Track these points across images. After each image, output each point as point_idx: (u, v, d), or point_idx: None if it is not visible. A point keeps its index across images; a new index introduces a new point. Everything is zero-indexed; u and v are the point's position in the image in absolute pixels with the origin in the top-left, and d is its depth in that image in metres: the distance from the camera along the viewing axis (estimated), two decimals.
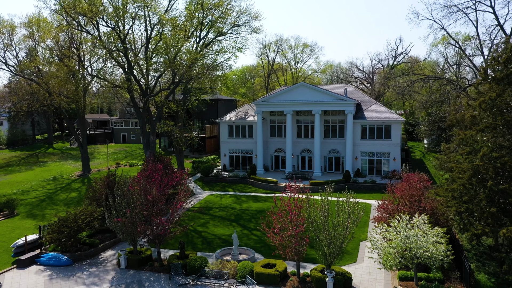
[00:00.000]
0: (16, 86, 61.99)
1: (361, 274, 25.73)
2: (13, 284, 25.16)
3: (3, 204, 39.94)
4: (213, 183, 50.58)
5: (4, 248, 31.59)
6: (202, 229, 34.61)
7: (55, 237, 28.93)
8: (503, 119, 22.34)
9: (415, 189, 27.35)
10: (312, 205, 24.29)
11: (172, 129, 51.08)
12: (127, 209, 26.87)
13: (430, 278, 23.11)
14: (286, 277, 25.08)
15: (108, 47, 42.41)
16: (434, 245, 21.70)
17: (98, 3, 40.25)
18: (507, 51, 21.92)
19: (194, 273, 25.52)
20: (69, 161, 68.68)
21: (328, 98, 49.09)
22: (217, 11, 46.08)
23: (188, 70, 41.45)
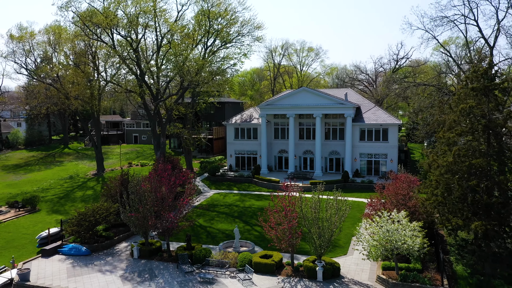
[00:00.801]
0: (34, 89, 65.66)
1: (350, 265, 28.44)
2: (40, 271, 28.42)
3: (26, 200, 43.48)
4: (220, 182, 53.57)
5: (29, 240, 35.00)
6: (207, 225, 37.61)
7: (75, 230, 32.22)
8: (479, 125, 24.87)
9: (401, 189, 29.95)
10: (304, 202, 27.11)
11: (181, 131, 54.22)
12: (140, 205, 29.93)
13: (410, 268, 25.71)
14: (281, 267, 27.92)
15: (121, 56, 45.67)
16: (411, 238, 24.34)
17: (112, 15, 43.48)
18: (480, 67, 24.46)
19: (199, 262, 28.51)
20: (84, 161, 72.33)
21: (328, 102, 51.71)
22: (223, 20, 49.06)
23: (195, 76, 44.49)
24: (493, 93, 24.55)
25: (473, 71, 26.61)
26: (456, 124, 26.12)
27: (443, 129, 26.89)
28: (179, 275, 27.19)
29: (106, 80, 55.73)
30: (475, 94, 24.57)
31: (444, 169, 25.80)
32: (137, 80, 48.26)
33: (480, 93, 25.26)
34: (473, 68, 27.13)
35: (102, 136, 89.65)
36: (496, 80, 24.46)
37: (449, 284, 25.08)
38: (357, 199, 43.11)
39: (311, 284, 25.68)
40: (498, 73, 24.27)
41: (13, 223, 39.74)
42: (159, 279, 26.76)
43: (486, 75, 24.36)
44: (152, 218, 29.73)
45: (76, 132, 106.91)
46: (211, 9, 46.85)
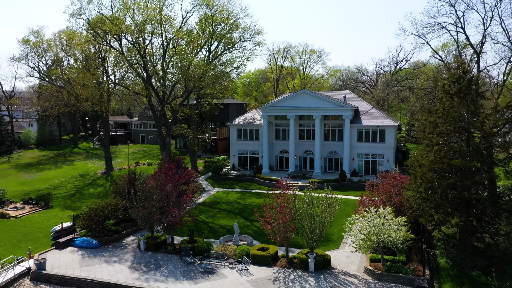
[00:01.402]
0: (46, 91, 68.43)
1: (341, 258, 30.54)
2: (54, 261, 30.88)
3: (39, 197, 46.10)
4: (223, 181, 55.84)
5: (43, 234, 37.55)
6: (209, 220, 39.90)
7: (86, 224, 34.70)
8: (456, 126, 26.87)
9: (389, 187, 31.99)
10: (297, 199, 29.26)
11: (186, 131, 56.59)
12: (146, 201, 32.26)
13: (395, 260, 27.76)
14: (277, 259, 30.10)
15: (129, 61, 48.14)
16: (395, 231, 26.39)
17: (121, 23, 45.93)
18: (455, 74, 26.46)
19: (201, 254, 30.80)
20: (93, 160, 75.04)
21: (327, 104, 53.74)
22: (225, 25, 51.31)
23: (199, 81, 46.81)
24: (470, 97, 26.50)
25: (449, 77, 28.65)
26: (436, 126, 28.15)
27: (426, 130, 28.89)
28: (182, 266, 29.49)
29: (114, 83, 58.26)
30: (451, 97, 26.55)
31: (426, 168, 27.86)
32: (144, 83, 50.72)
33: (456, 97, 27.26)
34: (450, 74, 29.19)
35: (111, 136, 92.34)
36: (472, 85, 26.39)
37: (430, 275, 27.10)
38: (353, 197, 45.07)
39: (303, 274, 27.83)
40: (473, 79, 26.16)
41: (28, 218, 42.37)
42: (163, 269, 29.09)
43: (460, 81, 26.34)
44: (158, 214, 32.05)
45: (85, 132, 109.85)
46: (214, 16, 49.11)
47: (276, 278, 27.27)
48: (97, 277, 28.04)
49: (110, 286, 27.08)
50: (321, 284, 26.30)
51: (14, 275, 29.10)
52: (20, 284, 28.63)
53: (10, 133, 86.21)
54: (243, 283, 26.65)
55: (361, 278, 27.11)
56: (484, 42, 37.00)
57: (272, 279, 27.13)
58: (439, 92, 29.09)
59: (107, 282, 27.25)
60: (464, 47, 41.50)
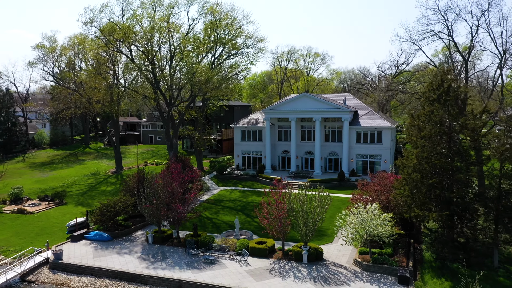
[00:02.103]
0: (59, 93, 71.70)
1: (333, 251, 32.96)
2: (70, 252, 33.75)
3: (55, 194, 49.16)
4: (227, 180, 58.46)
5: (59, 228, 40.50)
6: (213, 217, 42.55)
7: (98, 219, 37.54)
8: (437, 130, 29.14)
9: (378, 186, 34.32)
10: (292, 196, 31.74)
11: (192, 133, 59.35)
12: (154, 198, 34.97)
13: (382, 252, 30.08)
14: (274, 251, 32.61)
15: (139, 66, 51.03)
16: (381, 226, 28.74)
17: (130, 31, 48.81)
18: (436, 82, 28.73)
19: (203, 247, 33.44)
20: (104, 160, 78.20)
21: (327, 107, 56.08)
22: (230, 32, 53.97)
23: (203, 86, 49.53)
24: (449, 103, 28.74)
25: (429, 84, 30.98)
26: (420, 130, 30.46)
27: (411, 134, 31.19)
28: (187, 257, 32.15)
29: (124, 86, 61.23)
30: (431, 103, 28.85)
31: (411, 168, 30.19)
32: (152, 87, 53.56)
33: (437, 103, 29.58)
34: (429, 82, 31.52)
35: (120, 136, 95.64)
36: (450, 92, 28.63)
37: (414, 266, 29.42)
38: (350, 196, 47.27)
39: (297, 265, 30.32)
40: (451, 86, 28.38)
41: (44, 214, 45.41)
42: (169, 260, 31.78)
43: (439, 88, 28.62)
44: (164, 210, 34.74)
45: (96, 132, 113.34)
46: (219, 23, 51.81)
47: (272, 269, 29.78)
48: (109, 266, 30.81)
49: (121, 274, 29.83)
50: (313, 273, 28.76)
51: (34, 264, 32.02)
52: (39, 272, 31.53)
53: (24, 133, 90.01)
54: (241, 272, 29.21)
55: (350, 269, 29.52)
56: (472, 50, 39.08)
57: (269, 269, 29.65)
58: (421, 98, 31.34)
59: (118, 271, 30.00)
60: (451, 56, 43.51)
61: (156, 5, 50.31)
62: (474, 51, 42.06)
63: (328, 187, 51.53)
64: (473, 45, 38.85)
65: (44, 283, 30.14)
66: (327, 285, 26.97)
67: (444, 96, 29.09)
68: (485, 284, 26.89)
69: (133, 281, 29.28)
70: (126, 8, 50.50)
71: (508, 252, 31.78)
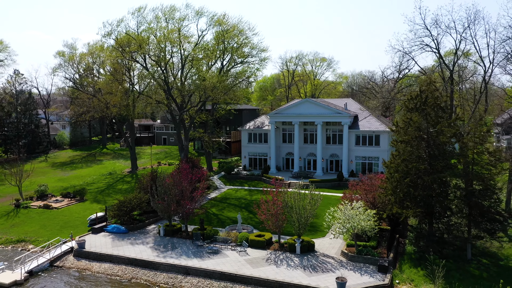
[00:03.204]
0: (79, 99, 76.85)
1: (324, 244, 36.65)
2: (91, 242, 38.20)
3: (76, 192, 53.94)
4: (234, 180, 62.50)
5: (81, 221, 45.10)
6: (219, 213, 46.63)
7: (116, 214, 41.98)
8: (416, 135, 32.62)
9: (367, 186, 37.88)
10: (287, 195, 35.55)
11: (202, 135, 63.56)
12: (165, 195, 39.17)
13: (367, 245, 33.62)
14: (271, 243, 36.46)
15: (152, 74, 55.52)
16: (364, 221, 32.31)
17: (144, 43, 53.30)
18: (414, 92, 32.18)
19: (208, 239, 37.52)
20: (120, 160, 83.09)
21: (327, 112, 59.66)
22: (236, 42, 58.05)
23: (211, 92, 53.69)
24: (426, 111, 32.18)
25: (408, 95, 34.46)
26: (400, 135, 34.00)
27: (395, 138, 34.69)
28: (193, 248, 36.27)
29: (139, 92, 65.89)
30: (409, 112, 32.36)
31: (393, 169, 33.76)
32: (165, 94, 57.98)
33: (415, 112, 33.09)
34: (409, 92, 34.99)
35: (136, 138, 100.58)
36: (427, 102, 32.06)
37: (394, 257, 32.94)
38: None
39: (290, 255, 34.12)
40: (428, 97, 31.79)
41: (67, 209, 50.14)
42: (178, 249, 35.95)
43: (417, 98, 32.10)
44: (174, 206, 38.90)
45: (112, 134, 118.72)
46: (226, 34, 55.97)
47: (268, 258, 33.67)
48: (125, 254, 35.12)
49: (135, 261, 34.11)
50: (303, 263, 32.55)
51: (61, 252, 36.59)
52: (65, 259, 36.07)
53: (46, 135, 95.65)
54: (240, 261, 33.18)
55: (337, 259, 33.21)
56: (456, 62, 42.09)
57: (265, 259, 33.54)
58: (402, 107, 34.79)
59: (133, 258, 34.29)
60: (437, 67, 46.66)
61: (169, 18, 54.75)
62: (463, 61, 45.17)
63: (328, 187, 55.49)
64: (457, 57, 41.94)
65: (70, 268, 34.65)
66: (314, 272, 30.74)
67: (422, 106, 32.58)
68: (455, 273, 30.36)
69: (146, 267, 33.51)
70: (141, 21, 55.19)
71: (483, 246, 34.99)
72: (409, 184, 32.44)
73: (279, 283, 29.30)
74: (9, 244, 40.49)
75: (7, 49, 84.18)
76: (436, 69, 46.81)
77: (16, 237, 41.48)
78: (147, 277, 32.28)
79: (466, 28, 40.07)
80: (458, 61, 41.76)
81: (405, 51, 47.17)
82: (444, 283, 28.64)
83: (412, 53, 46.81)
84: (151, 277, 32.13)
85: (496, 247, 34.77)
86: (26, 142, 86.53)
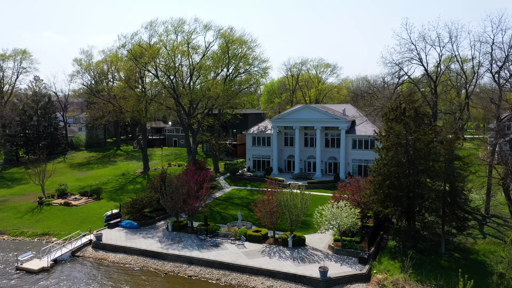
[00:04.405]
0: (96, 104, 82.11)
1: (315, 239, 40.71)
2: (107, 236, 42.91)
3: (93, 191, 58.93)
4: (238, 180, 66.84)
5: (97, 217, 49.92)
6: (222, 211, 51.03)
7: (129, 211, 46.68)
8: (396, 142, 36.51)
9: (354, 187, 41.84)
10: (281, 194, 39.75)
11: (209, 139, 68.08)
12: (173, 194, 43.68)
13: (351, 240, 37.59)
14: (266, 238, 40.68)
15: (163, 83, 60.29)
16: (347, 218, 36.29)
17: (156, 55, 58.10)
18: (394, 104, 36.07)
19: (211, 234, 41.93)
20: (133, 161, 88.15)
21: (325, 117, 63.62)
22: (241, 52, 62.49)
23: (216, 101, 58.22)
24: (404, 121, 36.04)
25: (388, 106, 38.39)
26: (384, 142, 37.91)
27: (377, 145, 38.61)
28: (197, 241, 40.71)
29: (150, 98, 70.77)
30: (389, 121, 36.29)
31: (376, 173, 37.71)
32: (174, 101, 62.68)
33: (394, 121, 37.01)
34: (389, 104, 38.98)
35: (148, 140, 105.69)
36: (405, 113, 35.93)
37: (375, 251, 36.86)
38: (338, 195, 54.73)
39: (283, 248, 38.30)
40: (405, 108, 35.64)
41: (85, 206, 55.10)
42: (184, 242, 40.44)
43: (397, 109, 36.00)
44: (181, 204, 43.39)
45: (126, 135, 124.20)
46: (231, 46, 60.49)
47: (263, 251, 37.91)
48: (137, 246, 39.73)
49: (146, 252, 38.69)
50: (293, 255, 36.71)
51: (81, 244, 41.40)
52: (85, 250, 40.86)
53: (64, 136, 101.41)
54: (238, 252, 37.50)
55: (324, 252, 37.28)
56: (440, 73, 45.70)
57: (260, 251, 37.78)
58: (384, 118, 38.69)
59: (144, 249, 38.88)
60: (421, 79, 50.45)
61: (178, 31, 59.53)
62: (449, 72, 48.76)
63: (325, 187, 59.42)
64: (440, 70, 45.63)
65: (89, 257, 39.42)
66: (302, 263, 34.88)
67: (401, 116, 36.48)
68: (428, 265, 34.18)
69: (155, 258, 38.06)
70: (153, 34, 60.14)
71: (458, 242, 38.65)
72: (389, 185, 36.33)
73: (270, 271, 33.53)
74: (35, 237, 45.53)
75: (30, 57, 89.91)
76: (423, 78, 50.52)
77: (41, 231, 46.50)
78: (156, 265, 36.83)
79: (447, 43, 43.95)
80: (445, 71, 45.39)
81: (395, 62, 50.98)
82: (416, 274, 32.53)
83: (402, 64, 50.57)
84: (160, 266, 36.67)
85: (470, 243, 38.45)
86: (45, 143, 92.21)
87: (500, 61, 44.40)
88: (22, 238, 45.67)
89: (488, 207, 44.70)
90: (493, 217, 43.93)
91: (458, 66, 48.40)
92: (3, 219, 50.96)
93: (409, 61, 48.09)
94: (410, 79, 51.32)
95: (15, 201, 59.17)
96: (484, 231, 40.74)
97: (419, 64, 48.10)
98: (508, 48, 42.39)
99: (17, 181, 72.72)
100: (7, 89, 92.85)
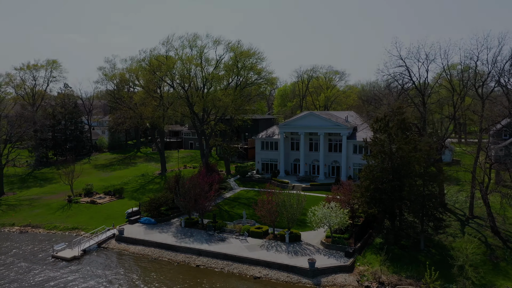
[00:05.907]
0: (118, 110, 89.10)
1: (310, 236, 45.75)
2: (128, 230, 49.02)
3: (116, 190, 65.41)
4: (247, 182, 72.29)
5: (120, 214, 56.19)
6: (230, 210, 56.60)
7: (147, 209, 52.76)
8: (380, 151, 41.29)
9: (346, 190, 46.73)
10: (279, 195, 45.00)
11: (221, 143, 73.83)
12: (186, 195, 49.41)
13: (341, 237, 42.52)
14: (267, 234, 46.00)
15: (178, 93, 66.41)
16: (336, 217, 41.24)
17: (172, 68, 64.19)
18: (379, 116, 40.86)
19: (218, 230, 47.53)
20: (151, 163, 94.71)
21: (328, 124, 68.46)
22: (250, 63, 68.07)
23: (226, 110, 63.87)
24: (388, 132, 40.80)
25: (374, 118, 43.18)
26: (369, 150, 42.69)
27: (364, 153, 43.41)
28: (206, 236, 46.37)
29: (167, 106, 77.12)
30: (375, 132, 41.11)
31: (363, 178, 42.58)
32: (188, 109, 68.75)
33: (379, 131, 41.80)
34: (375, 116, 43.83)
35: (165, 143, 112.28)
36: (389, 124, 40.68)
37: (361, 246, 41.69)
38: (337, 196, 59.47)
39: (281, 243, 43.55)
40: (389, 120, 40.37)
41: (109, 204, 61.55)
42: (194, 237, 46.17)
43: (381, 121, 40.79)
44: (193, 203, 49.10)
45: (145, 138, 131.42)
46: (240, 59, 66.18)
47: (262, 245, 43.25)
48: (154, 239, 45.66)
49: (162, 244, 44.58)
50: (289, 249, 41.94)
51: (105, 237, 47.63)
52: (109, 242, 47.06)
53: (89, 139, 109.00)
54: (241, 246, 42.97)
55: (316, 247, 42.36)
56: (426, 88, 49.96)
57: (260, 245, 43.13)
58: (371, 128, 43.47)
59: (160, 242, 44.78)
60: (410, 89, 54.73)
61: (192, 46, 65.59)
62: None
63: (326, 189, 64.20)
64: (427, 83, 49.96)
65: (113, 249, 45.57)
66: (295, 256, 40.08)
67: (385, 127, 41.27)
68: (406, 260, 38.86)
69: (169, 249, 43.89)
70: (170, 48, 66.46)
71: (438, 240, 43.08)
72: (374, 189, 41.16)
73: (267, 262, 38.86)
74: (67, 231, 52.09)
75: (60, 67, 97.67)
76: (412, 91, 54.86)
77: (71, 225, 53.07)
78: (169, 256, 42.65)
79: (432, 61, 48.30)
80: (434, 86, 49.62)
81: (390, 75, 55.48)
82: (393, 266, 37.33)
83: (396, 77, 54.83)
84: (173, 256, 42.48)
85: (449, 241, 42.84)
86: (71, 146, 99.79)
87: (483, 77, 48.58)
88: (55, 231, 52.31)
89: (472, 209, 48.76)
90: (475, 218, 48.03)
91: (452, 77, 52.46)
92: (38, 215, 57.86)
93: (400, 75, 52.64)
94: (403, 90, 55.57)
95: (47, 199, 66.19)
96: (464, 231, 45.00)
97: (407, 78, 52.61)
98: (491, 65, 46.51)
99: (48, 180, 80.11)
100: (39, 96, 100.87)
